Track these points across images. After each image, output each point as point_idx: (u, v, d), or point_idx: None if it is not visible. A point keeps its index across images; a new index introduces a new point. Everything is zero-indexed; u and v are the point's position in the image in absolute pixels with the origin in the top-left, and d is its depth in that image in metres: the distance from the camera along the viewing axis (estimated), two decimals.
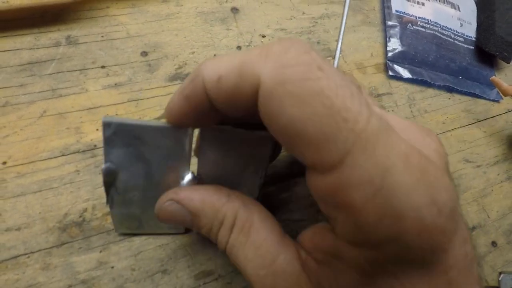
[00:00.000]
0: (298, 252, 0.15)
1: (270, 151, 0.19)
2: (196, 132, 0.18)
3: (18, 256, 0.20)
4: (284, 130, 0.11)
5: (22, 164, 0.22)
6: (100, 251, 0.21)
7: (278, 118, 0.11)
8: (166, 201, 0.17)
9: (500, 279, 0.27)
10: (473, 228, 0.28)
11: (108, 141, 0.16)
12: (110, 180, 0.18)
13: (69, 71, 0.25)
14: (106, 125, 0.16)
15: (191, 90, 0.13)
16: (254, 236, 0.15)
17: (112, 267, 0.20)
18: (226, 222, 0.15)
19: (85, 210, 0.21)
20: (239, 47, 0.30)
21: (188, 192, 0.16)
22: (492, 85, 0.35)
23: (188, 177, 0.18)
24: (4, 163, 0.22)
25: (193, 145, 0.18)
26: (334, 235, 0.13)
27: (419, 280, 0.12)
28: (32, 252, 0.20)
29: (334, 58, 0.32)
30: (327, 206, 0.12)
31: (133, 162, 0.17)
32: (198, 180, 0.19)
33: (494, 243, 0.28)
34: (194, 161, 0.18)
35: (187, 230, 0.22)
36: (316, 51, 0.12)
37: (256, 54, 0.12)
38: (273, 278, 0.14)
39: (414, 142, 0.12)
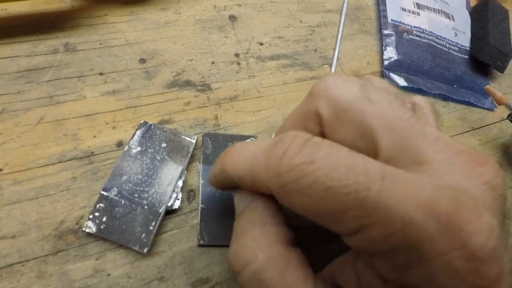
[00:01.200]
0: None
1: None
2: None
3: (13, 264, 0.20)
4: (303, 213, 0.13)
5: (18, 171, 0.22)
6: (96, 259, 0.21)
7: (294, 207, 0.13)
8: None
9: None
10: None
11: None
12: None
13: (66, 78, 0.25)
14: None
15: (224, 179, 0.17)
16: (289, 277, 0.14)
17: (108, 275, 0.20)
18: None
19: (82, 217, 0.21)
20: (237, 55, 0.30)
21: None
22: (486, 94, 0.36)
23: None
24: (0, 170, 0.22)
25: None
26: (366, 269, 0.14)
27: None
28: (27, 260, 0.20)
29: (331, 66, 0.33)
30: (367, 257, 0.13)
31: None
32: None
33: None
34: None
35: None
36: (312, 142, 0.13)
37: (260, 164, 0.14)
38: None
39: (459, 174, 0.12)
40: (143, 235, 0.21)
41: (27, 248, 0.20)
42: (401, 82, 0.34)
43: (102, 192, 0.21)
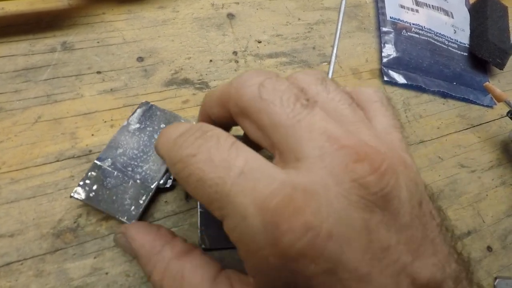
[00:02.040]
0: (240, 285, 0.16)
1: None
2: None
3: (11, 263, 0.19)
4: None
5: (16, 170, 0.22)
6: (95, 257, 0.21)
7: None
8: (118, 233, 0.19)
9: (495, 284, 0.27)
10: (469, 233, 0.29)
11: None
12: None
13: (64, 77, 0.25)
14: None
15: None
16: (186, 285, 0.16)
17: (107, 273, 0.20)
18: (156, 272, 0.17)
19: (80, 215, 0.21)
20: (235, 53, 0.30)
21: (135, 231, 0.18)
22: (485, 91, 0.36)
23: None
24: None
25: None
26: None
27: None
28: (25, 259, 0.20)
29: (329, 63, 0.32)
30: None
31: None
32: None
33: (489, 248, 0.28)
34: None
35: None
36: (206, 136, 0.14)
37: (171, 148, 0.15)
38: None
39: (328, 171, 0.13)
40: (132, 207, 0.21)
41: (25, 247, 0.20)
42: (400, 79, 0.34)
43: (95, 161, 0.21)
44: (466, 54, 0.39)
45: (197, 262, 0.17)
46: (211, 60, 0.29)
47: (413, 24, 0.38)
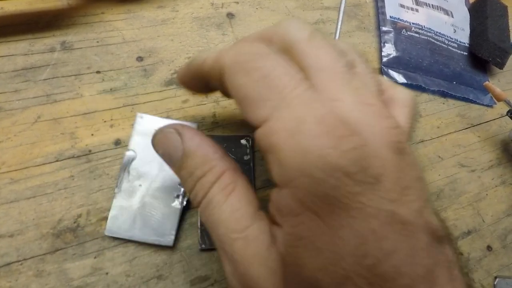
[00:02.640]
0: (270, 226, 0.16)
1: (251, 154, 0.24)
2: None
3: (11, 263, 0.19)
4: (237, 94, 0.15)
5: (16, 170, 0.22)
6: (95, 257, 0.21)
7: (233, 86, 0.15)
8: (170, 128, 0.18)
9: (495, 283, 0.27)
10: (469, 232, 0.29)
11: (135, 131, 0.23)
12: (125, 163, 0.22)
13: (64, 77, 0.25)
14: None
15: (192, 65, 0.19)
16: (233, 199, 0.16)
17: (107, 273, 0.20)
18: (210, 175, 0.16)
19: (80, 215, 0.21)
20: None
21: (192, 132, 0.18)
22: (485, 90, 0.36)
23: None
24: None
25: None
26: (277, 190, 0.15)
27: (342, 223, 0.13)
28: (25, 259, 0.20)
29: None
30: (264, 154, 0.15)
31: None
32: None
33: (489, 248, 0.28)
34: None
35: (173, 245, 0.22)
36: (262, 44, 0.16)
37: (227, 47, 0.17)
38: (243, 243, 0.15)
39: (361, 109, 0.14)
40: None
41: (25, 247, 0.20)
42: (400, 79, 0.34)
43: None
44: (466, 53, 0.39)
45: (248, 185, 0.17)
46: None
47: (413, 23, 0.38)
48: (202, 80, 0.19)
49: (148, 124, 0.24)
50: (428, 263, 0.13)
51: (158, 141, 0.18)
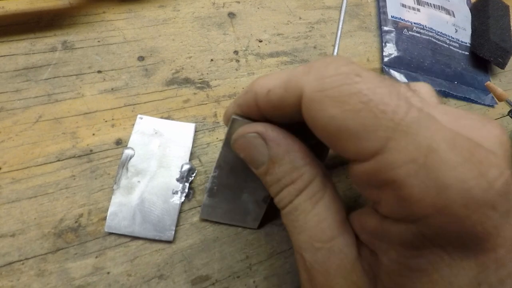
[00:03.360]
0: (356, 239, 0.15)
1: None
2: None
3: (13, 262, 0.20)
4: (327, 128, 0.13)
5: (17, 170, 0.22)
6: (96, 257, 0.21)
7: (320, 119, 0.13)
8: (252, 132, 0.16)
9: None
10: None
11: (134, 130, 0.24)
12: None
13: (65, 76, 0.25)
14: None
15: (243, 100, 0.17)
16: (321, 208, 0.15)
17: (108, 273, 0.20)
18: (300, 182, 0.15)
19: (81, 215, 0.21)
20: (236, 52, 0.30)
21: (277, 134, 0.16)
22: (487, 90, 0.36)
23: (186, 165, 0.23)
24: None
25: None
26: (378, 216, 0.14)
27: (467, 254, 0.12)
28: (26, 259, 0.20)
29: None
30: (371, 190, 0.13)
31: None
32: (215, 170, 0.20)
33: None
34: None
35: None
36: (355, 63, 0.13)
37: (300, 71, 0.14)
38: (327, 254, 0.14)
39: (469, 129, 0.13)
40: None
41: (27, 247, 0.20)
42: (401, 78, 0.34)
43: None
44: (468, 53, 0.38)
45: (336, 194, 0.16)
46: (212, 60, 0.29)
47: (414, 23, 0.37)
48: (259, 113, 0.16)
49: (147, 124, 0.24)
50: None
51: (240, 146, 0.17)
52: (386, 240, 0.13)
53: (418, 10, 0.39)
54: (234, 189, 0.21)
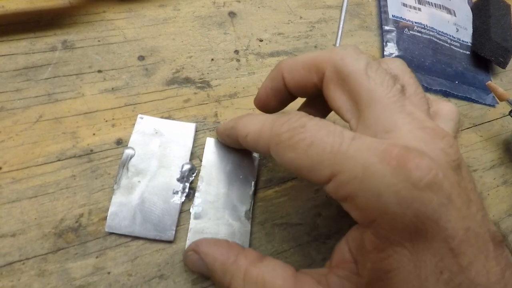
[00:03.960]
0: (318, 280, 0.17)
1: (257, 163, 0.25)
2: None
3: (13, 262, 0.20)
4: (291, 166, 0.16)
5: (17, 170, 0.22)
6: (97, 257, 0.21)
7: (284, 161, 0.17)
8: (189, 251, 0.20)
9: None
10: None
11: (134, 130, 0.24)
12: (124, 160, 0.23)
13: (65, 76, 0.25)
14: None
15: (227, 136, 0.22)
16: (265, 268, 0.18)
17: (109, 273, 0.20)
18: (235, 281, 0.18)
19: (81, 215, 0.21)
20: (236, 51, 0.30)
21: (207, 246, 0.19)
22: (488, 90, 0.36)
23: (187, 165, 0.24)
24: (0, 168, 0.22)
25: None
26: (358, 231, 0.17)
27: (423, 247, 0.14)
28: (27, 259, 0.20)
29: None
30: (341, 203, 0.16)
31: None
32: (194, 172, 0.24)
33: None
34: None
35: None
36: (308, 117, 0.17)
37: (267, 127, 0.18)
38: None
39: (419, 141, 0.15)
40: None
41: (27, 247, 0.20)
42: None
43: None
44: (469, 52, 0.38)
45: (273, 265, 0.18)
46: (212, 59, 0.29)
47: (415, 22, 0.37)
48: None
49: (148, 123, 0.24)
50: (497, 270, 0.14)
51: (188, 266, 0.20)
52: (365, 251, 0.16)
53: (419, 9, 0.39)
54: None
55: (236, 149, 0.24)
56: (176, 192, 0.23)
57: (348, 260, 0.17)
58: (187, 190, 0.23)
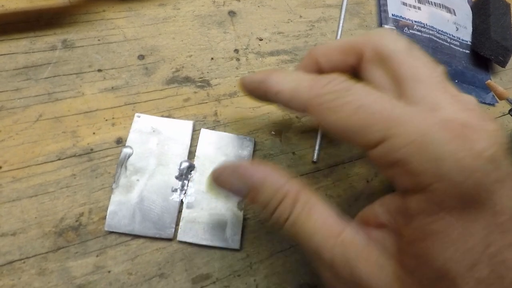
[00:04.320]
0: (359, 226, 0.17)
1: (251, 153, 0.25)
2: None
3: (14, 261, 0.20)
4: (334, 129, 0.16)
5: (17, 169, 0.22)
6: (97, 256, 0.21)
7: (326, 123, 0.17)
8: (226, 171, 0.19)
9: None
10: None
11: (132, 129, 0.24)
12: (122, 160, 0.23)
13: (65, 75, 0.25)
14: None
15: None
16: (320, 210, 0.17)
17: (109, 272, 0.20)
18: (288, 200, 0.17)
19: (82, 214, 0.21)
20: (236, 51, 0.30)
21: (248, 168, 0.18)
22: (487, 88, 0.36)
23: (184, 163, 0.24)
24: (0, 167, 0.22)
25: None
26: (399, 196, 0.16)
27: (473, 217, 0.14)
28: (27, 257, 0.20)
29: None
30: (386, 169, 0.16)
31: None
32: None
33: None
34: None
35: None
36: (349, 81, 0.16)
37: (306, 86, 0.18)
38: (342, 247, 0.16)
39: (464, 115, 0.15)
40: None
41: (28, 245, 0.20)
42: None
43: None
44: (468, 51, 0.38)
45: (321, 198, 0.18)
46: (212, 58, 0.29)
47: (415, 21, 0.37)
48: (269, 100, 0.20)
49: (145, 122, 0.24)
50: None
51: (220, 185, 0.19)
52: (408, 214, 0.15)
53: (419, 8, 0.39)
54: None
55: (230, 140, 0.25)
56: (175, 190, 0.23)
57: (383, 221, 0.17)
58: (186, 187, 0.23)
